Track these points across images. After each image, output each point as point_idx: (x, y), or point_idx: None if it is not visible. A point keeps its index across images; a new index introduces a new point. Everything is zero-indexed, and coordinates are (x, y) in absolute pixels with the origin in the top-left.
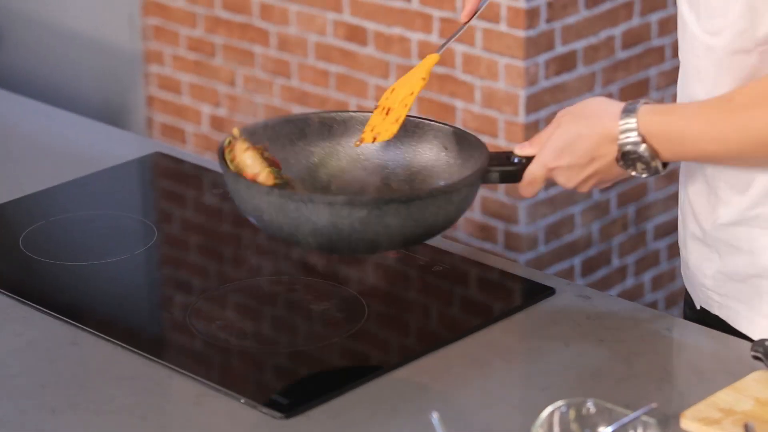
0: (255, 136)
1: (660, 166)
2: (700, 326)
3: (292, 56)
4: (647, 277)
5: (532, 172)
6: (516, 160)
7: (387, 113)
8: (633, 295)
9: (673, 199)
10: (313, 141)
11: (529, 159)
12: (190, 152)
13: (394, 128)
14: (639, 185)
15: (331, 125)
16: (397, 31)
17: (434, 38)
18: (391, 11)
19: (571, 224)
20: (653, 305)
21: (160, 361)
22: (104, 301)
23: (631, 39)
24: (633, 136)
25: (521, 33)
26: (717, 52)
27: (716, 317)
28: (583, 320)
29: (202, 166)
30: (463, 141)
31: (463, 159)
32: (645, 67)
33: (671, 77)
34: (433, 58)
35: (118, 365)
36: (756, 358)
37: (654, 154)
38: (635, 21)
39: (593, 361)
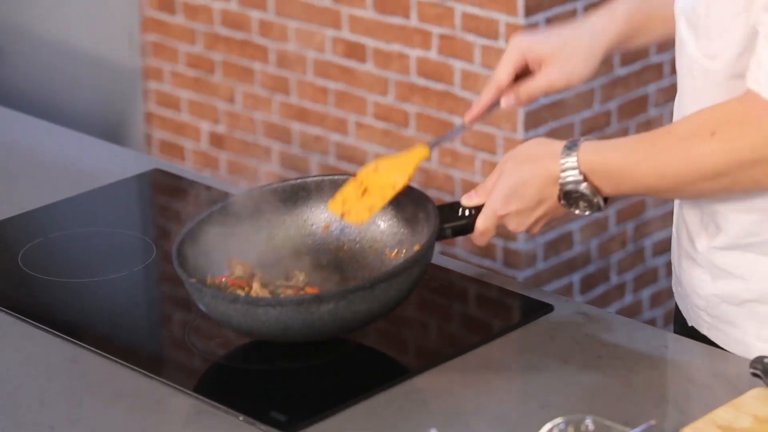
0: (197, 233)
1: (602, 203)
2: (698, 343)
3: (291, 73)
4: (646, 294)
5: (483, 222)
6: (464, 212)
7: (363, 193)
8: (631, 312)
9: (671, 216)
10: (261, 216)
11: (477, 209)
12: (189, 169)
13: (365, 217)
14: (637, 202)
15: (277, 198)
16: (395, 47)
17: (433, 55)
18: (389, 28)
19: (570, 241)
20: (651, 322)
21: (158, 378)
22: (103, 318)
23: (629, 55)
24: (574, 175)
25: None
26: (715, 75)
27: (705, 337)
28: (582, 337)
29: (201, 183)
30: (409, 196)
31: (410, 215)
32: (644, 84)
33: (670, 94)
34: (423, 152)
35: (116, 382)
36: (755, 375)
37: (595, 191)
38: None
39: (592, 378)
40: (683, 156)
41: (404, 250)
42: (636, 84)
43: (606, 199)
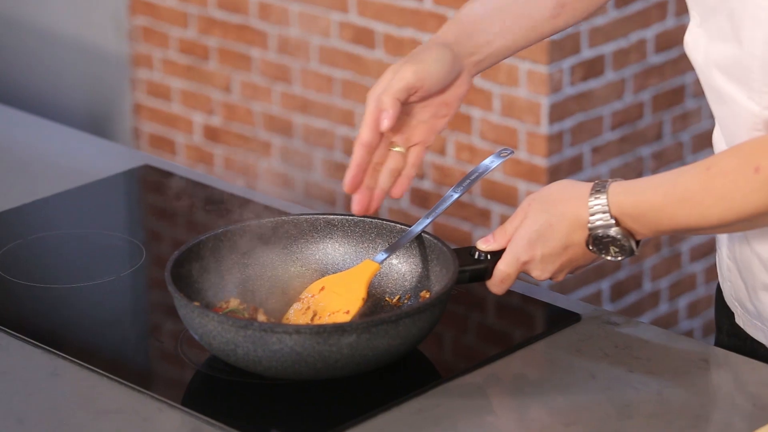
0: (193, 256)
1: (635, 247)
2: (739, 356)
3: (293, 60)
4: (682, 302)
5: (505, 268)
6: (480, 256)
7: (312, 318)
8: (666, 322)
9: None
10: (247, 252)
11: (494, 254)
12: (181, 165)
13: None
14: None
15: (266, 233)
16: (408, 32)
17: None
18: (401, 11)
19: None
20: (689, 334)
21: (147, 392)
22: (87, 328)
23: (664, 42)
24: (604, 218)
25: None
26: None
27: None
28: (612, 349)
29: (194, 180)
30: (423, 241)
31: (422, 258)
32: (680, 73)
33: None
34: (373, 267)
35: (101, 397)
36: None
37: (628, 235)
38: (669, 22)
39: (622, 394)
40: (726, 195)
41: (408, 297)
42: (672, 73)
43: (638, 242)
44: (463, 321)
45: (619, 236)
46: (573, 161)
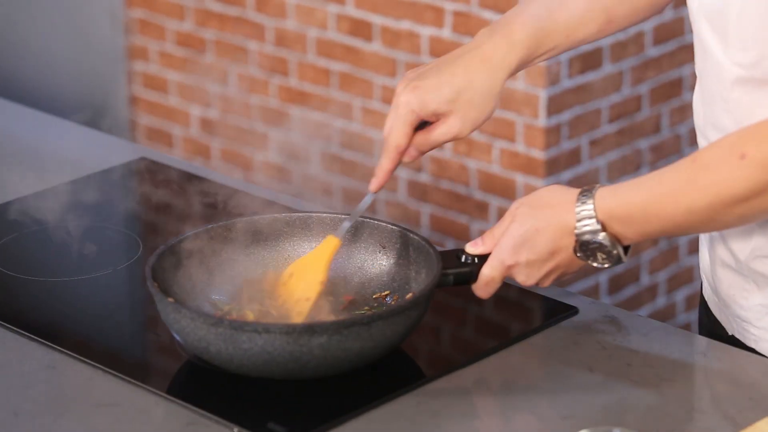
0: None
1: (622, 254)
2: (738, 350)
3: (291, 53)
4: (680, 296)
5: (489, 272)
6: (467, 260)
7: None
8: (664, 315)
9: None
10: (236, 249)
11: (481, 257)
12: (177, 158)
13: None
14: None
15: (254, 230)
16: (405, 25)
17: (446, 33)
18: (399, 4)
19: None
20: (686, 327)
21: (144, 386)
22: (84, 321)
23: (662, 34)
24: (591, 224)
25: None
26: (749, 85)
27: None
28: (609, 343)
29: (191, 173)
30: (410, 241)
31: (410, 260)
32: (678, 65)
33: None
34: (333, 244)
35: (98, 391)
36: None
37: (615, 241)
38: (667, 15)
39: (620, 387)
40: (713, 183)
41: (396, 298)
42: (669, 65)
43: (627, 250)
44: (460, 314)
45: (606, 242)
46: (571, 154)
